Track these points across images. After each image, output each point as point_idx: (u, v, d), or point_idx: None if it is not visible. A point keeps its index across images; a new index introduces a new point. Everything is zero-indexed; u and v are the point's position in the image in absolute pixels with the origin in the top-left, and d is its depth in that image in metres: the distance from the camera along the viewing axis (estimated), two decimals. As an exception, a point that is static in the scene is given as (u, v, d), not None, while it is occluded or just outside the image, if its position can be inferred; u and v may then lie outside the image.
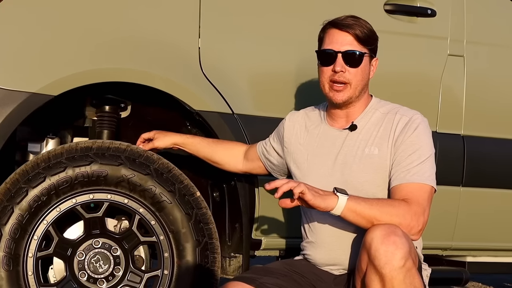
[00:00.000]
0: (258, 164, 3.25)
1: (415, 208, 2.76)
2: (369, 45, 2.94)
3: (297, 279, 2.95)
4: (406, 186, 2.82)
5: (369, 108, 2.99)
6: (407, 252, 2.60)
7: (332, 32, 2.93)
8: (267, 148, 3.21)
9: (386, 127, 2.93)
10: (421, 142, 2.88)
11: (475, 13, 3.83)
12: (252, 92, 3.40)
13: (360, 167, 2.90)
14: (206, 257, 3.20)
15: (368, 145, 2.93)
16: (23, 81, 3.00)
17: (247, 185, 3.37)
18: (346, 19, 2.93)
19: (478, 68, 3.84)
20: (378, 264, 2.60)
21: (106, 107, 3.36)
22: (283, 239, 3.50)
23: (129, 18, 3.21)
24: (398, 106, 2.99)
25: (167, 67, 3.22)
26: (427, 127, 2.93)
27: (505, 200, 3.92)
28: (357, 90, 2.93)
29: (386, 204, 2.75)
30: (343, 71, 2.90)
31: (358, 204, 2.71)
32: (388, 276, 2.60)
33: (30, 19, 3.05)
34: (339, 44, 2.91)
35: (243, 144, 3.29)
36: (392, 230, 2.63)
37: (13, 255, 3.04)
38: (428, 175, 2.83)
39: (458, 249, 3.93)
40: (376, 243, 2.61)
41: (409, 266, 2.61)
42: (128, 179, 3.13)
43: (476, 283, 6.42)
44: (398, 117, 2.93)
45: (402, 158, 2.86)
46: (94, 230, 3.15)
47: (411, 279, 2.61)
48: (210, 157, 3.27)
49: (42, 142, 3.38)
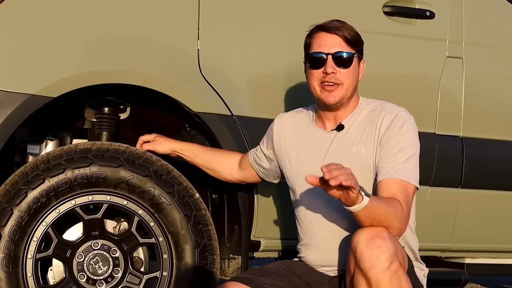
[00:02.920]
0: (251, 172, 3.25)
1: (406, 211, 2.79)
2: (356, 47, 2.96)
3: (293, 280, 2.95)
4: (393, 182, 2.82)
5: (356, 109, 3.01)
6: (392, 254, 2.61)
7: (320, 35, 2.95)
8: (258, 154, 3.22)
9: (372, 124, 2.94)
10: (406, 140, 2.89)
11: (473, 15, 3.83)
12: (251, 94, 3.40)
13: (349, 166, 2.90)
14: (205, 259, 3.20)
15: (355, 144, 2.94)
16: (22, 82, 3.00)
17: (246, 186, 3.37)
18: (332, 22, 2.95)
19: (477, 70, 3.85)
20: (363, 268, 2.62)
21: (105, 108, 3.37)
22: (282, 241, 3.51)
23: (128, 20, 3.21)
24: (384, 103, 2.99)
25: (166, 69, 3.22)
26: (413, 124, 2.94)
27: (503, 201, 3.92)
28: (349, 91, 2.94)
29: (389, 205, 2.74)
30: (334, 73, 2.91)
31: (373, 205, 2.67)
32: (374, 279, 2.61)
33: (29, 21, 3.05)
34: (329, 46, 2.92)
35: (239, 153, 3.29)
36: (378, 234, 2.64)
37: (12, 256, 3.04)
38: (410, 173, 2.85)
39: (457, 250, 3.93)
40: (361, 246, 2.62)
41: (394, 269, 2.61)
42: (127, 180, 3.13)
43: (475, 285, 6.42)
44: (383, 114, 2.94)
45: (388, 155, 2.87)
46: (93, 232, 3.16)
47: (398, 281, 2.62)
48: (207, 165, 3.28)
49: (41, 144, 3.38)
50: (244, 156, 3.27)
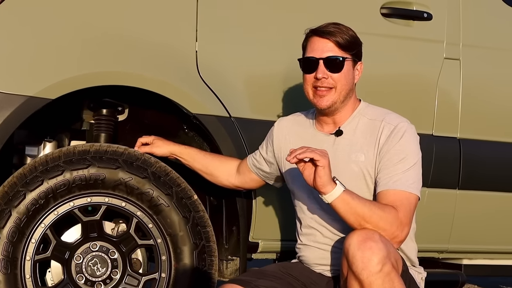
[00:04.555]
0: (250, 176, 3.25)
1: (402, 218, 2.78)
2: (351, 51, 2.95)
3: (291, 282, 2.96)
4: (392, 193, 2.82)
5: (356, 113, 3.00)
6: (384, 256, 2.61)
7: (314, 40, 2.96)
8: (257, 158, 3.22)
9: (372, 134, 2.94)
10: (407, 151, 2.89)
11: (471, 16, 3.84)
12: (249, 95, 3.40)
13: (346, 172, 2.91)
14: (203, 260, 3.20)
15: (354, 152, 2.94)
16: (20, 84, 3.00)
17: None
18: (327, 27, 2.95)
19: (474, 71, 3.85)
20: (355, 270, 2.62)
21: (103, 110, 3.37)
22: (280, 242, 3.51)
23: (126, 21, 3.21)
24: (386, 113, 2.99)
25: (164, 71, 3.22)
26: (413, 134, 2.94)
27: (501, 203, 3.92)
28: (342, 95, 2.94)
29: (377, 207, 2.76)
30: (325, 78, 2.92)
31: (351, 198, 2.72)
32: (366, 281, 2.61)
33: (27, 22, 3.05)
34: (320, 51, 2.93)
35: (237, 159, 3.29)
36: (369, 236, 2.64)
37: (11, 258, 3.04)
38: (411, 182, 2.84)
39: (455, 251, 3.93)
40: (353, 249, 2.63)
41: (387, 271, 2.62)
42: (126, 182, 3.14)
43: (472, 286, 6.43)
44: (384, 125, 2.94)
45: (388, 166, 2.87)
46: (91, 233, 3.16)
47: (390, 284, 2.62)
48: (204, 169, 3.28)
49: (39, 146, 3.38)
50: (242, 162, 3.27)
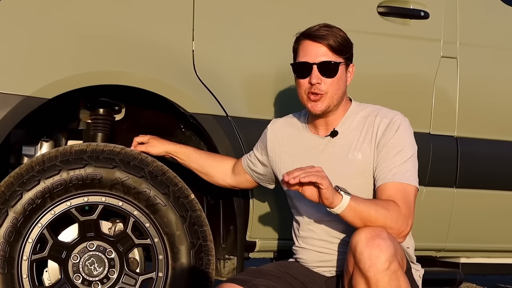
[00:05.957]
0: (244, 177, 3.25)
1: (405, 212, 2.78)
2: (344, 54, 2.93)
3: (289, 281, 2.96)
4: (391, 186, 2.83)
5: (349, 113, 3.00)
6: (392, 254, 2.62)
7: (306, 43, 2.93)
8: (252, 159, 3.22)
9: (368, 131, 2.94)
10: (403, 143, 2.89)
11: (468, 14, 3.84)
12: (246, 94, 3.40)
13: (345, 172, 2.90)
14: (200, 259, 3.20)
15: (351, 150, 2.94)
16: (17, 84, 3.00)
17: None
18: (319, 30, 2.91)
19: (471, 70, 3.85)
20: (363, 267, 2.62)
21: (100, 110, 3.37)
22: (278, 241, 3.51)
23: (123, 21, 3.21)
24: (378, 108, 2.99)
25: (161, 70, 3.22)
26: (408, 126, 2.94)
27: (498, 201, 3.93)
28: (335, 99, 2.93)
29: (381, 206, 2.76)
30: (319, 83, 2.90)
31: (357, 204, 2.71)
32: (373, 279, 2.61)
33: (23, 22, 3.05)
34: (314, 55, 2.90)
35: (233, 158, 3.29)
36: (377, 233, 2.64)
37: (7, 258, 3.04)
38: (409, 174, 2.85)
39: (452, 250, 3.94)
40: (361, 246, 2.63)
41: (394, 269, 2.62)
42: (123, 181, 3.13)
43: (470, 284, 6.43)
44: (379, 119, 2.93)
45: (385, 160, 2.87)
46: (88, 233, 3.16)
47: (396, 282, 2.62)
48: (200, 169, 3.28)
49: (36, 145, 3.39)
50: (237, 162, 3.27)
